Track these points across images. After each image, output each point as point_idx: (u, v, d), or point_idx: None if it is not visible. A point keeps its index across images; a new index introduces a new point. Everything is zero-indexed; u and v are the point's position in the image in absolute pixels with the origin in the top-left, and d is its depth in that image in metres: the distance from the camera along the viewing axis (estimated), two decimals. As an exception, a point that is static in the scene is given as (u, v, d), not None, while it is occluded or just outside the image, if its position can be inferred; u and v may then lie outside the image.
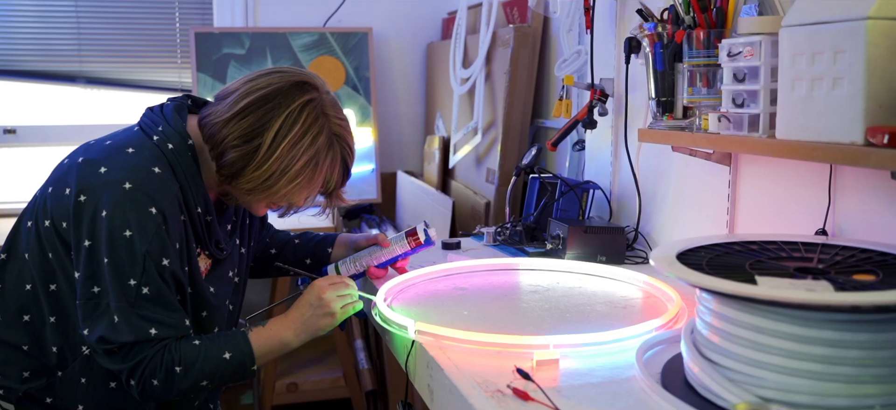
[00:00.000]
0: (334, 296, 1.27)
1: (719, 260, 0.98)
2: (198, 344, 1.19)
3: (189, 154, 1.22)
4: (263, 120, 1.18)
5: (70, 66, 3.03)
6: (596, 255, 1.59)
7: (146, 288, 1.14)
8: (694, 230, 1.56)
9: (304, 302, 1.28)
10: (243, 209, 1.39)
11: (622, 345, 1.10)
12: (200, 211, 1.23)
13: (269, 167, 1.19)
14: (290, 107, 1.19)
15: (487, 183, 2.47)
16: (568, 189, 1.76)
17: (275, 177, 1.20)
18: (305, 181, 1.23)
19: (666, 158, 1.64)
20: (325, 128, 1.22)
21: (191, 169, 1.22)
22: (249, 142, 1.18)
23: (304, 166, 1.21)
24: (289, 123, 1.18)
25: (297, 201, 1.29)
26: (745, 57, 1.15)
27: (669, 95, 1.38)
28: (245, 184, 1.21)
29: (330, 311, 1.27)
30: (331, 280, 1.30)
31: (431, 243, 1.43)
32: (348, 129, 1.28)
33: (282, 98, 1.19)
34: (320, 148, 1.21)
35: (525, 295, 1.38)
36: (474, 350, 1.07)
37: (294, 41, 3.04)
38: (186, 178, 1.21)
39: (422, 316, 1.24)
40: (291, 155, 1.19)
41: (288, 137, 1.18)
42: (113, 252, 1.13)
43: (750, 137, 1.15)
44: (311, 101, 1.21)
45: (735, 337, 0.87)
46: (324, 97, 1.23)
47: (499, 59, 2.45)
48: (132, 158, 1.18)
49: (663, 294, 1.36)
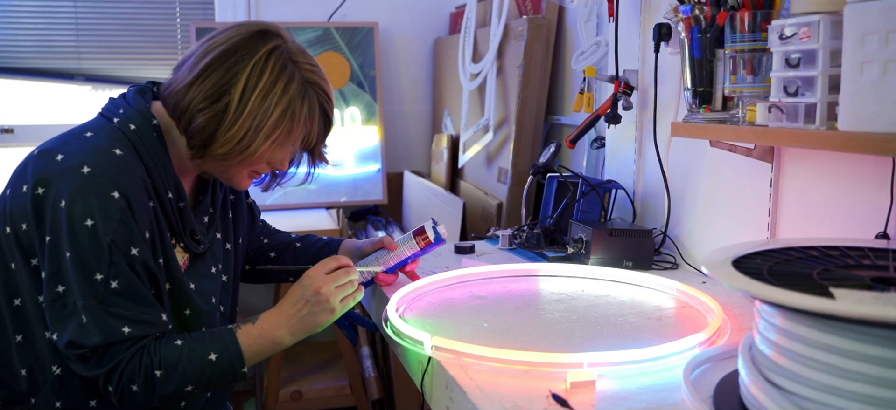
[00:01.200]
0: (333, 289, 1.15)
1: (781, 269, 0.86)
2: (180, 345, 1.08)
3: (154, 134, 1.11)
4: (228, 75, 1.07)
5: (68, 63, 2.92)
6: (622, 260, 1.47)
7: (115, 282, 1.03)
8: (729, 233, 1.44)
9: (299, 296, 1.15)
10: (222, 201, 1.28)
11: (664, 363, 0.98)
12: (171, 197, 1.12)
13: (242, 124, 1.07)
14: (255, 57, 1.08)
15: (499, 183, 2.35)
16: (589, 189, 1.64)
17: (250, 135, 1.08)
18: (283, 135, 1.11)
19: (697, 155, 1.51)
20: (296, 74, 1.10)
21: (157, 150, 1.11)
22: (217, 101, 1.07)
23: (281, 118, 1.09)
24: (256, 74, 1.07)
25: (278, 162, 1.17)
26: (800, 39, 1.02)
27: (707, 85, 1.25)
28: (220, 150, 1.09)
29: (329, 307, 1.15)
30: (326, 267, 1.17)
31: (442, 241, 1.31)
32: (322, 75, 1.16)
33: (244, 50, 1.08)
34: (294, 96, 1.09)
35: (549, 304, 1.26)
36: (499, 370, 0.95)
37: (298, 36, 2.89)
38: (153, 160, 1.10)
39: (437, 328, 1.12)
40: (264, 107, 1.08)
41: (257, 89, 1.07)
42: (75, 244, 1.02)
43: (806, 129, 1.02)
44: (276, 48, 1.09)
45: (808, 359, 0.75)
46: (289, 44, 1.12)
47: (511, 52, 2.33)
48: (90, 141, 1.07)
49: (700, 303, 1.24)
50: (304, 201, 2.91)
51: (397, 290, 1.25)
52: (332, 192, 2.94)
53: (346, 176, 2.96)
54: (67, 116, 2.97)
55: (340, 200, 2.93)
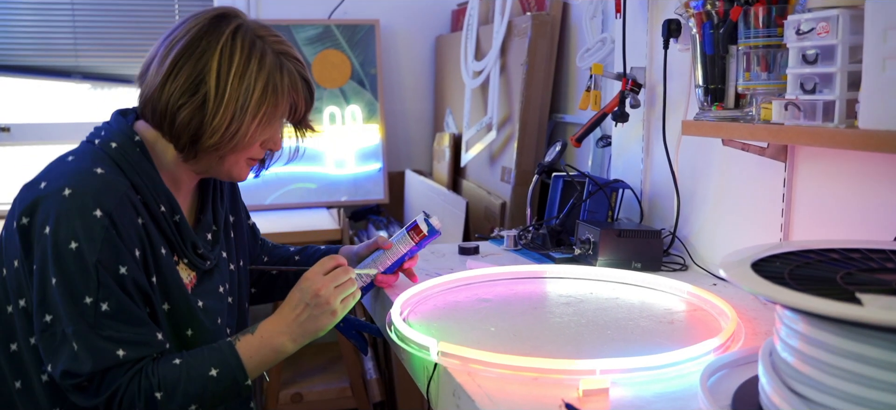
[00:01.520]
0: (332, 290, 1.11)
1: (802, 272, 0.82)
2: (179, 364, 1.04)
3: (137, 150, 1.08)
4: (199, 65, 1.04)
5: (65, 60, 2.89)
6: (630, 262, 1.44)
7: (105, 304, 0.99)
8: (740, 234, 1.41)
9: (298, 300, 1.12)
10: (224, 219, 1.25)
11: (678, 370, 0.95)
12: (164, 211, 1.09)
13: (227, 109, 1.04)
14: (221, 40, 1.05)
15: (503, 182, 2.31)
16: (596, 188, 1.60)
17: (238, 119, 1.05)
18: (270, 110, 1.07)
19: (706, 153, 1.48)
20: (266, 49, 1.07)
21: (142, 164, 1.07)
22: (195, 94, 1.04)
23: (263, 94, 1.06)
24: (227, 57, 1.04)
25: (271, 141, 1.14)
26: (818, 34, 0.99)
27: (720, 82, 1.22)
28: (210, 141, 1.05)
29: (329, 309, 1.12)
30: (324, 267, 1.13)
31: (436, 233, 1.28)
32: (289, 45, 1.13)
33: (208, 36, 1.05)
34: (271, 69, 1.07)
35: (557, 307, 1.22)
36: (508, 377, 0.92)
37: (298, 34, 2.89)
38: (138, 175, 1.06)
39: (443, 332, 1.09)
40: (245, 86, 1.05)
41: (232, 71, 1.04)
42: (61, 269, 0.98)
43: (824, 128, 0.99)
44: (239, 28, 1.07)
45: (833, 367, 0.71)
46: (249, 22, 1.10)
47: (515, 49, 2.30)
48: (71, 165, 1.05)
49: (712, 306, 1.21)
50: (304, 201, 2.88)
51: (401, 293, 1.22)
52: (332, 192, 2.91)
53: (347, 175, 2.93)
54: (65, 114, 2.93)
55: (341, 200, 2.90)
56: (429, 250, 1.65)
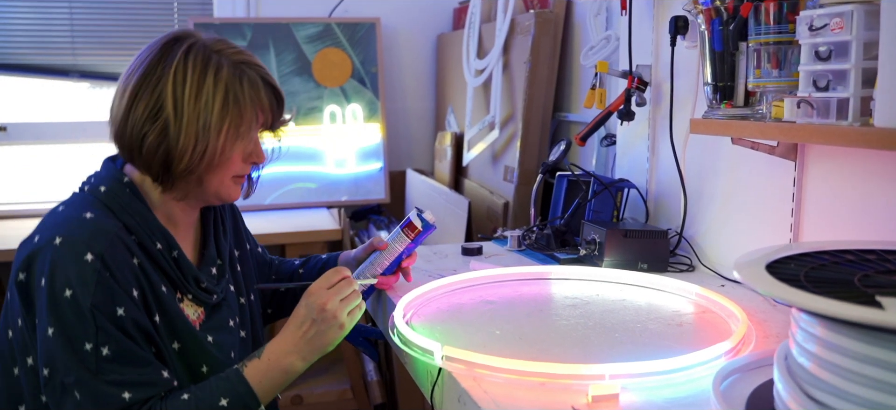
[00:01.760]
0: (338, 303, 1.09)
1: (818, 274, 0.80)
2: (187, 398, 1.02)
3: (127, 190, 1.07)
4: (156, 91, 1.03)
5: (63, 59, 2.86)
6: (636, 262, 1.42)
7: (105, 349, 0.97)
8: (748, 234, 1.38)
9: (303, 316, 1.10)
10: (228, 252, 1.23)
11: (689, 374, 0.92)
12: (161, 248, 1.07)
13: (188, 131, 1.02)
14: (174, 63, 1.04)
15: (506, 182, 2.29)
16: (602, 188, 1.58)
17: (202, 137, 1.03)
18: (235, 121, 1.05)
19: (714, 152, 1.46)
20: (221, 62, 1.06)
21: (133, 204, 1.06)
22: (156, 120, 1.03)
23: (224, 106, 1.04)
24: (180, 78, 1.03)
25: (251, 153, 1.12)
26: (831, 30, 0.97)
27: (729, 80, 1.20)
28: (181, 166, 1.04)
29: (337, 322, 1.10)
30: (328, 281, 1.11)
31: (431, 228, 1.26)
32: (249, 54, 1.11)
33: (162, 62, 1.04)
34: (229, 81, 1.05)
35: (563, 309, 1.20)
36: (514, 382, 0.90)
37: (298, 32, 2.87)
38: (130, 216, 1.05)
39: (447, 336, 1.06)
40: (203, 102, 1.03)
41: (187, 90, 1.03)
42: (58, 318, 0.97)
43: (838, 126, 0.97)
44: (191, 47, 1.06)
45: (852, 373, 0.69)
46: (203, 40, 1.08)
47: (517, 47, 2.27)
48: (61, 214, 1.04)
49: (721, 308, 1.18)
50: (304, 200, 2.86)
51: (403, 295, 1.20)
52: (333, 191, 2.88)
53: (348, 174, 2.90)
54: (62, 114, 2.91)
55: (342, 199, 2.87)
56: (431, 250, 1.63)
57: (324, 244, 2.60)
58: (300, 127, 2.88)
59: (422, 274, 1.40)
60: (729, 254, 1.43)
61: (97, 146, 2.90)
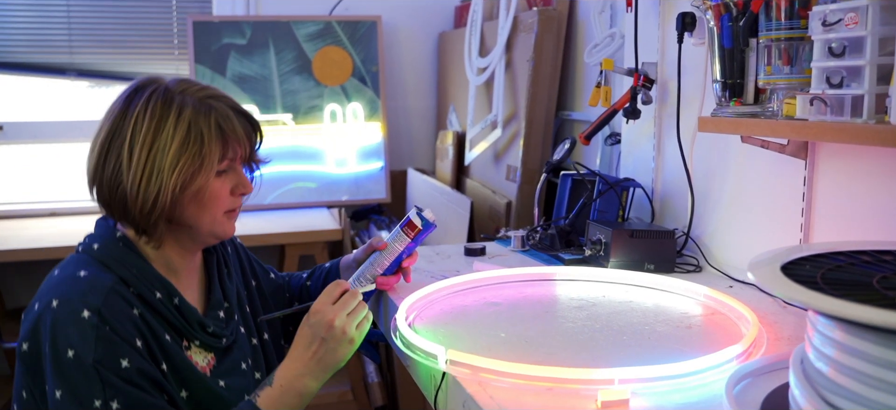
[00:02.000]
0: (345, 317, 1.07)
1: (834, 276, 0.78)
2: None
3: (121, 244, 1.06)
4: (118, 143, 1.03)
5: (60, 57, 2.84)
6: (643, 263, 1.39)
7: (115, 403, 0.95)
8: (757, 234, 1.36)
9: (311, 336, 1.07)
10: (236, 294, 1.20)
11: (700, 378, 0.90)
12: (161, 297, 1.05)
13: (146, 168, 1.01)
14: (134, 113, 1.03)
15: (508, 181, 2.27)
16: (607, 187, 1.56)
17: (158, 174, 1.01)
18: (193, 159, 1.03)
19: (721, 151, 1.43)
20: (186, 101, 1.04)
21: (127, 257, 1.05)
22: (124, 171, 1.03)
23: (183, 143, 1.02)
24: (140, 123, 1.03)
25: (240, 185, 1.10)
26: (846, 26, 0.94)
27: (738, 77, 1.17)
28: (146, 208, 1.02)
29: (347, 338, 1.08)
30: (331, 296, 1.09)
31: (431, 226, 1.23)
32: (215, 89, 1.09)
33: (125, 114, 1.04)
34: (190, 119, 1.03)
35: (569, 311, 1.18)
36: (521, 387, 0.87)
37: (298, 30, 2.84)
38: (126, 268, 1.04)
39: (450, 339, 1.04)
40: (162, 142, 1.02)
41: (143, 130, 1.02)
42: (64, 380, 0.95)
43: (852, 124, 0.94)
44: (153, 93, 1.05)
45: (874, 379, 0.66)
46: (167, 83, 1.07)
47: (520, 45, 2.25)
48: (57, 277, 1.04)
49: (730, 309, 1.16)
50: (304, 200, 2.83)
51: (406, 297, 1.17)
52: (333, 191, 2.86)
53: (348, 174, 2.88)
54: (59, 113, 2.88)
55: (342, 199, 2.85)
56: (433, 251, 1.60)
57: (324, 244, 2.57)
58: (300, 126, 2.85)
59: (424, 275, 1.38)
60: (737, 255, 1.41)
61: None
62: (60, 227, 2.63)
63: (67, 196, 2.85)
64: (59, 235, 2.50)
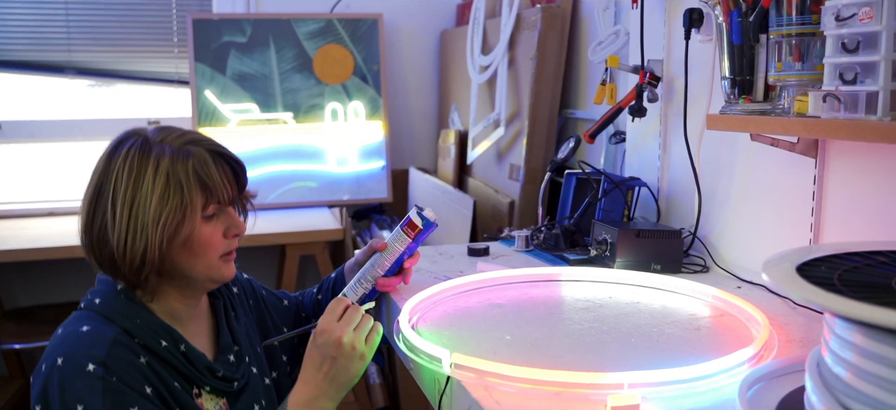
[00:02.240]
0: (353, 334, 1.05)
1: (851, 277, 0.75)
2: None
3: (122, 296, 1.04)
4: (103, 195, 1.02)
5: (58, 55, 2.81)
6: (649, 263, 1.37)
7: None
8: (765, 234, 1.34)
9: (320, 357, 1.05)
10: (245, 336, 1.18)
11: (711, 382, 0.88)
12: (166, 345, 1.03)
13: (130, 224, 0.99)
14: (115, 166, 1.02)
15: (511, 180, 2.24)
16: (612, 186, 1.53)
17: (143, 230, 0.99)
18: (176, 207, 1.00)
19: (729, 150, 1.41)
20: (164, 150, 1.02)
21: (129, 308, 1.03)
22: (103, 219, 1.01)
23: (163, 195, 1.00)
24: (121, 177, 1.01)
25: (227, 227, 1.07)
26: (860, 20, 0.92)
27: (748, 73, 1.15)
28: (134, 263, 1.00)
29: (357, 353, 1.05)
30: (335, 314, 1.07)
31: (432, 226, 1.21)
32: (198, 135, 1.07)
33: (107, 172, 1.02)
34: (168, 169, 1.01)
35: (575, 313, 1.15)
36: (528, 391, 0.85)
37: (299, 28, 2.82)
38: (127, 319, 1.02)
39: (454, 342, 1.02)
40: (143, 196, 0.99)
41: (123, 186, 1.00)
42: None
43: (866, 121, 0.92)
44: (131, 146, 1.03)
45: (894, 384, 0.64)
46: (147, 133, 1.05)
47: (524, 43, 2.23)
48: (60, 336, 1.02)
49: (740, 311, 1.14)
50: (305, 200, 2.81)
51: (409, 298, 1.15)
52: (334, 190, 2.84)
53: (350, 173, 2.86)
54: (57, 112, 2.86)
55: (343, 198, 2.83)
56: (436, 251, 1.58)
57: (325, 244, 2.55)
58: (301, 125, 2.83)
59: (427, 276, 1.36)
60: (745, 255, 1.38)
61: (93, 144, 2.86)
62: (59, 227, 2.61)
63: (66, 195, 2.83)
64: (57, 235, 2.47)
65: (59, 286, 2.71)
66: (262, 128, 2.79)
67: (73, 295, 2.69)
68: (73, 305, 1.02)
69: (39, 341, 2.46)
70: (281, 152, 2.79)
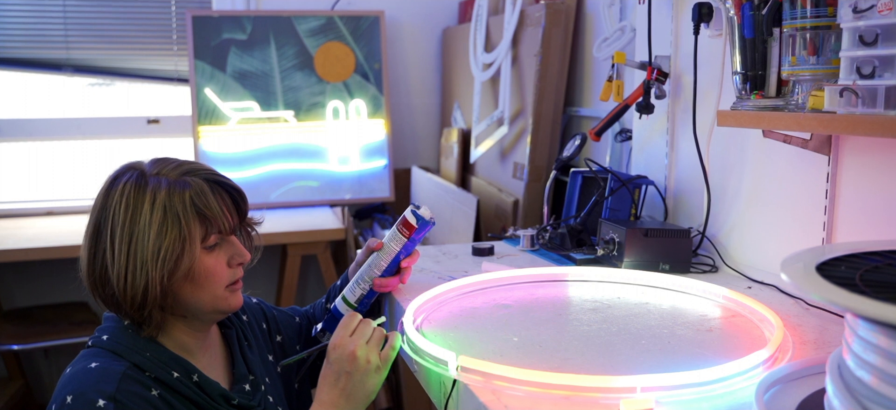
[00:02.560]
0: (365, 346, 1.02)
1: (873, 277, 0.73)
2: None
3: (129, 331, 1.01)
4: (102, 233, 0.99)
5: (56, 52, 2.79)
6: (658, 263, 1.34)
7: None
8: (777, 233, 1.31)
9: (335, 373, 1.02)
10: (259, 364, 1.15)
11: (727, 385, 0.85)
12: (178, 377, 1.00)
13: (129, 261, 0.97)
14: (112, 201, 0.99)
15: (515, 179, 2.22)
16: (620, 184, 1.51)
17: (143, 266, 0.96)
18: (174, 240, 0.97)
19: (738, 147, 1.38)
20: (160, 182, 1.00)
21: (137, 343, 1.00)
22: (104, 257, 0.99)
23: (161, 229, 0.97)
24: (118, 213, 0.98)
25: (230, 256, 1.05)
26: (879, 12, 0.89)
27: (760, 68, 1.12)
28: (136, 300, 0.97)
29: (372, 366, 1.02)
30: (347, 329, 1.04)
31: (428, 224, 1.18)
32: (195, 164, 1.05)
33: (104, 207, 1.00)
34: (165, 202, 0.98)
35: (583, 313, 1.13)
36: (537, 395, 0.82)
37: (299, 25, 2.80)
38: (137, 353, 0.99)
39: (460, 343, 0.99)
40: (140, 231, 0.97)
41: (120, 222, 0.98)
42: None
43: (885, 116, 0.89)
44: (127, 181, 1.00)
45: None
46: (143, 166, 1.03)
47: (527, 40, 2.20)
48: (68, 374, 0.99)
49: (752, 311, 1.11)
50: (307, 199, 2.78)
51: (413, 299, 1.12)
52: (336, 189, 2.81)
53: (351, 172, 2.83)
54: (55, 110, 2.83)
55: (345, 197, 2.80)
56: (439, 250, 1.55)
57: (326, 243, 2.53)
58: (302, 123, 2.80)
59: (431, 276, 1.33)
60: (755, 255, 1.36)
61: (92, 143, 2.83)
62: (57, 227, 2.59)
63: (64, 194, 2.81)
64: (56, 235, 2.46)
65: (58, 286, 2.68)
66: (262, 126, 2.77)
67: (73, 296, 2.68)
68: (72, 305, 1.00)
69: (38, 342, 2.44)
70: (282, 151, 2.77)
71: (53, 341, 2.44)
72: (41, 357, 2.75)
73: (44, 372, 2.77)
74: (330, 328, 1.19)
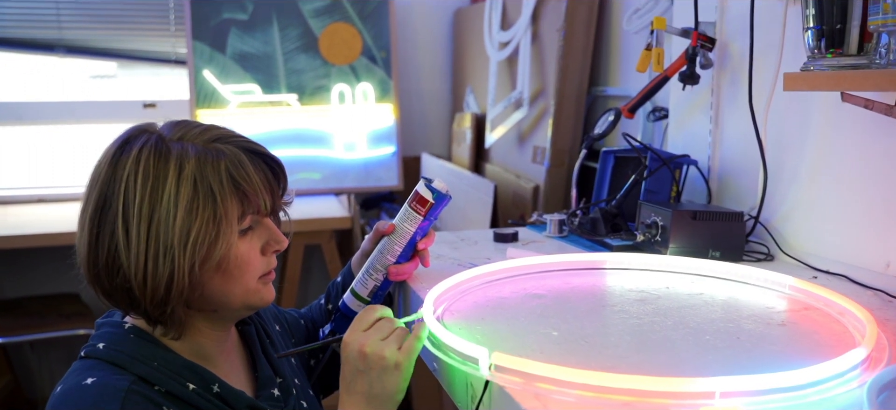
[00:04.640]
0: (379, 343, 0.85)
1: None
2: None
3: (131, 337, 0.84)
4: (109, 210, 0.80)
5: (48, 32, 2.64)
6: (707, 250, 1.19)
7: None
8: (843, 217, 1.15)
9: (350, 374, 0.86)
10: (287, 366, 1.00)
11: (821, 389, 0.69)
12: (195, 388, 0.84)
13: (149, 246, 0.79)
14: (125, 172, 0.80)
15: (535, 164, 2.06)
16: (660, 164, 1.35)
17: (167, 252, 0.79)
18: (208, 221, 0.80)
19: (799, 119, 1.22)
20: (185, 150, 0.82)
21: (143, 350, 0.83)
22: (112, 239, 0.80)
23: (191, 206, 0.80)
24: (133, 186, 0.79)
25: (265, 242, 0.88)
26: None
27: (839, 21, 0.96)
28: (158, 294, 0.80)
29: (388, 364, 0.85)
30: (362, 324, 0.87)
31: (446, 198, 1.01)
32: (223, 129, 0.86)
33: (113, 179, 0.81)
34: (194, 173, 0.81)
35: (630, 305, 0.97)
36: (590, 401, 0.67)
37: (304, 5, 2.65)
38: (143, 363, 0.82)
39: (490, 338, 0.84)
40: (164, 209, 0.79)
41: (137, 198, 0.79)
42: None
43: None
44: (144, 145, 0.82)
45: None
46: (160, 130, 0.85)
47: (549, 14, 2.04)
48: (60, 394, 0.81)
49: (828, 303, 0.96)
50: (311, 187, 2.64)
51: (431, 287, 0.97)
52: (341, 177, 2.66)
53: (358, 159, 2.68)
54: (47, 93, 2.69)
55: (351, 186, 2.65)
56: (457, 236, 1.40)
57: (331, 233, 2.38)
58: (306, 107, 2.66)
59: (450, 263, 1.18)
60: (817, 241, 1.20)
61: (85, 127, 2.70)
62: (49, 214, 2.46)
63: (56, 181, 2.68)
64: (47, 222, 2.33)
65: (49, 276, 2.55)
66: (264, 110, 2.63)
67: (64, 287, 2.54)
68: (64, 296, 0.83)
69: (27, 334, 2.31)
70: (285, 136, 2.62)
71: (42, 334, 2.31)
72: (29, 351, 2.62)
73: (33, 367, 2.63)
74: (341, 329, 1.02)
